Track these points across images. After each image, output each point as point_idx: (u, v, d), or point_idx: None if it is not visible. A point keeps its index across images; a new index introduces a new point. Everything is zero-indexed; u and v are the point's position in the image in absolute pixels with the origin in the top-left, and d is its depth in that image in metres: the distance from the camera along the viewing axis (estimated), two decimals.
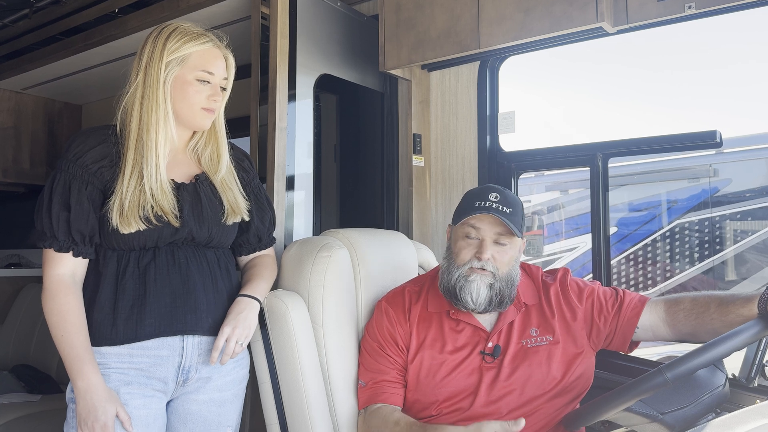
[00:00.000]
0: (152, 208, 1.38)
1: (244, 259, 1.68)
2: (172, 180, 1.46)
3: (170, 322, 1.42)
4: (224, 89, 1.52)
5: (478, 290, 1.51)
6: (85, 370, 1.34)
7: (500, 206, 1.53)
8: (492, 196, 1.56)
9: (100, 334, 1.39)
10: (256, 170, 1.71)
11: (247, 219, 1.58)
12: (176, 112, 1.45)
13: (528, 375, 1.50)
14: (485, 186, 1.64)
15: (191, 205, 1.46)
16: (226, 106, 1.57)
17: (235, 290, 1.56)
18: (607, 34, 1.83)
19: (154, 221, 1.39)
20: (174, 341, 1.43)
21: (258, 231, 1.64)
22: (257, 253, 1.68)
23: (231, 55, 1.53)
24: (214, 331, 1.47)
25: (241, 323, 1.46)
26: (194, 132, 1.55)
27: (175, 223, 1.41)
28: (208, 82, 1.46)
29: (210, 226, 1.48)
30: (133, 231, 1.37)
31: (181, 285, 1.44)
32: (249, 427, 1.90)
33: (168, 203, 1.41)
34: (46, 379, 2.87)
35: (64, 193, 1.39)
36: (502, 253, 1.53)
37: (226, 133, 1.58)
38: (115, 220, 1.37)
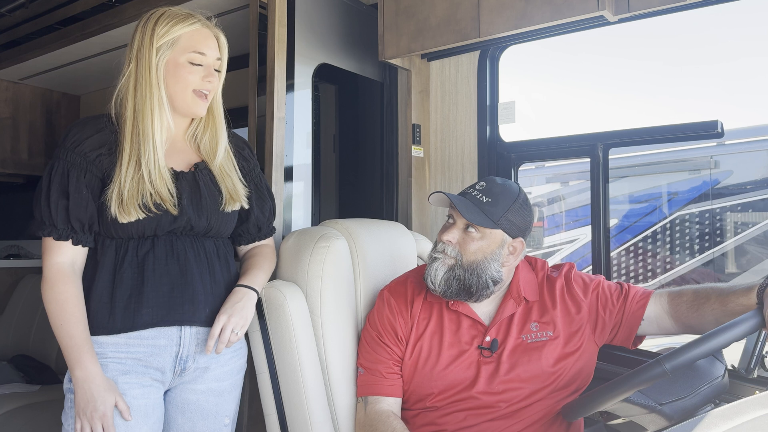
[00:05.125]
0: (151, 195, 1.38)
1: (243, 249, 1.68)
2: (171, 168, 1.45)
3: (167, 312, 1.41)
4: (218, 71, 1.50)
5: (436, 271, 1.52)
6: (83, 359, 1.33)
7: (479, 195, 1.52)
8: (478, 185, 1.55)
9: (98, 324, 1.39)
10: (257, 159, 1.70)
11: (246, 207, 1.57)
12: (170, 97, 1.44)
13: (527, 370, 1.50)
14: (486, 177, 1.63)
15: (190, 193, 1.46)
16: (223, 97, 1.55)
17: (233, 281, 1.55)
18: (609, 23, 1.82)
19: (153, 209, 1.38)
20: (171, 331, 1.43)
21: (258, 220, 1.64)
22: (256, 243, 1.67)
23: (222, 35, 1.51)
24: (211, 321, 1.46)
25: (237, 312, 1.46)
26: (193, 118, 1.54)
27: (173, 210, 1.40)
28: (201, 64, 1.45)
29: (209, 215, 1.47)
30: (132, 220, 1.37)
31: (179, 275, 1.43)
32: (247, 417, 1.90)
33: (166, 190, 1.40)
34: (45, 370, 2.87)
35: (62, 181, 1.38)
36: (467, 240, 1.52)
37: (227, 121, 1.56)
38: (114, 209, 1.36)
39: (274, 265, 1.69)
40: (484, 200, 1.51)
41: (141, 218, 1.37)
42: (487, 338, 1.54)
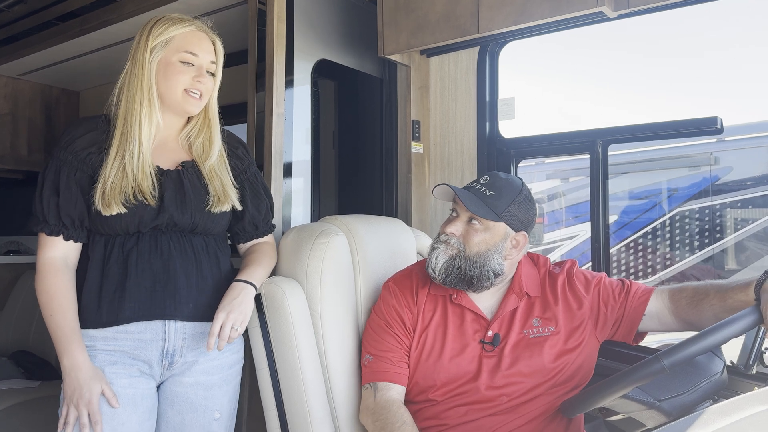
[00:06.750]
0: (132, 188, 1.41)
1: (243, 247, 1.68)
2: (157, 166, 1.48)
3: (149, 306, 1.44)
4: (213, 75, 1.52)
5: (436, 259, 1.54)
6: (71, 348, 1.37)
7: (483, 188, 1.54)
8: (482, 179, 1.58)
9: (88, 317, 1.43)
10: (253, 157, 1.70)
11: (239, 208, 1.58)
12: (162, 96, 1.48)
13: (529, 365, 1.50)
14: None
15: (174, 191, 1.47)
16: (222, 93, 1.57)
17: (224, 278, 1.55)
18: (608, 19, 1.81)
19: (133, 201, 1.41)
20: (156, 325, 1.45)
21: (253, 219, 1.64)
22: (256, 241, 1.68)
23: (219, 41, 1.54)
24: (196, 316, 1.48)
25: (236, 308, 1.46)
26: (188, 120, 1.56)
27: (151, 201, 1.42)
28: (192, 65, 1.48)
29: (193, 212, 1.48)
30: (113, 213, 1.40)
31: (162, 270, 1.45)
32: (247, 412, 1.90)
33: (147, 184, 1.42)
34: (45, 366, 2.88)
35: (54, 179, 1.43)
36: (471, 232, 1.53)
37: (220, 120, 1.58)
38: (97, 201, 1.40)
39: (275, 261, 1.69)
40: (488, 193, 1.53)
41: (122, 212, 1.40)
42: (490, 333, 1.55)
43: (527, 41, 2.21)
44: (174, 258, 1.47)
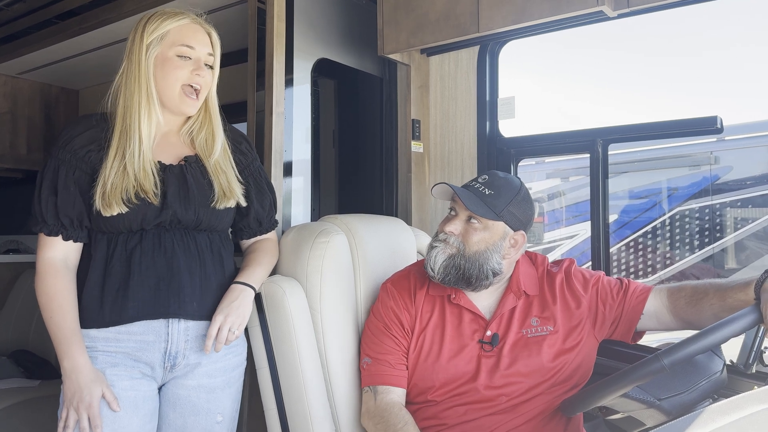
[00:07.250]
0: (133, 187, 1.39)
1: (245, 243, 1.68)
2: (159, 162, 1.46)
3: (153, 305, 1.42)
4: (211, 68, 1.51)
5: (435, 258, 1.54)
6: (71, 350, 1.36)
7: (482, 187, 1.54)
8: (481, 179, 1.58)
9: (89, 317, 1.41)
10: (256, 152, 1.69)
11: (244, 204, 1.57)
12: (160, 93, 1.46)
13: (527, 365, 1.50)
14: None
15: (177, 187, 1.46)
16: (222, 92, 1.56)
17: (227, 275, 1.55)
18: (608, 18, 1.82)
19: (134, 200, 1.39)
20: (159, 325, 1.43)
21: (258, 215, 1.63)
22: (258, 238, 1.67)
23: (215, 32, 1.52)
24: (200, 315, 1.47)
25: (234, 311, 1.46)
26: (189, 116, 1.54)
27: (154, 200, 1.41)
28: (189, 58, 1.46)
29: (197, 208, 1.47)
30: (114, 213, 1.38)
31: (166, 269, 1.44)
32: (248, 412, 1.90)
33: (149, 183, 1.41)
34: (45, 365, 2.88)
35: (53, 179, 1.41)
36: (470, 231, 1.53)
37: (222, 116, 1.57)
38: (97, 202, 1.38)
39: (276, 259, 1.69)
40: (487, 192, 1.53)
41: (124, 212, 1.38)
42: (488, 332, 1.54)
43: (527, 40, 2.21)
44: (178, 256, 1.45)
